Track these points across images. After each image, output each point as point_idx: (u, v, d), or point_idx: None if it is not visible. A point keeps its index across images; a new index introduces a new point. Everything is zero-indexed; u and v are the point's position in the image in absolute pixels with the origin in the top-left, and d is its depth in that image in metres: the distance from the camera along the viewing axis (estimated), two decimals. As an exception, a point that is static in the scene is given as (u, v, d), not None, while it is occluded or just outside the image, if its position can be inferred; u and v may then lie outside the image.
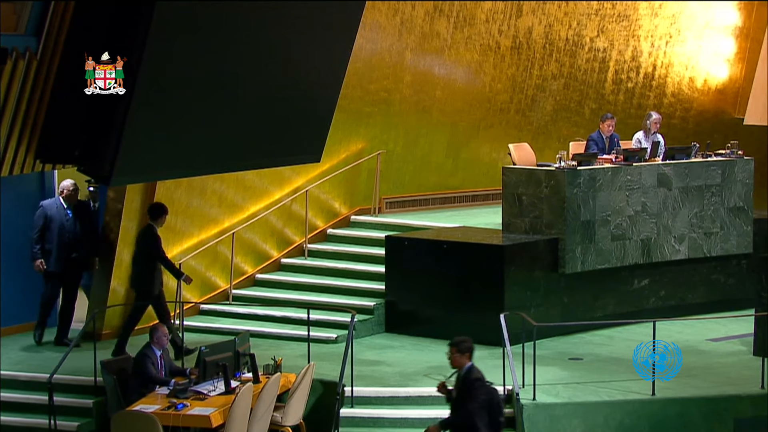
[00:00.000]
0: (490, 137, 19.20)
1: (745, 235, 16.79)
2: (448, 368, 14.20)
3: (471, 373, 10.89)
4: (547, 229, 15.53)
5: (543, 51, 19.33)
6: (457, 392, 10.97)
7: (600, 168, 15.74)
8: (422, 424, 13.14)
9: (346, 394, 13.25)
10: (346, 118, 17.13)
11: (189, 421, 11.97)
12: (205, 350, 12.74)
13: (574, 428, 13.01)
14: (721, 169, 16.61)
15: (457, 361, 10.96)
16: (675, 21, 20.19)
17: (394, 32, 18.05)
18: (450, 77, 18.76)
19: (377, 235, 16.99)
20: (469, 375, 10.89)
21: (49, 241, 15.01)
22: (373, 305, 15.93)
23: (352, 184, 18.01)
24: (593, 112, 19.41)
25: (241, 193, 16.91)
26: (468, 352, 10.96)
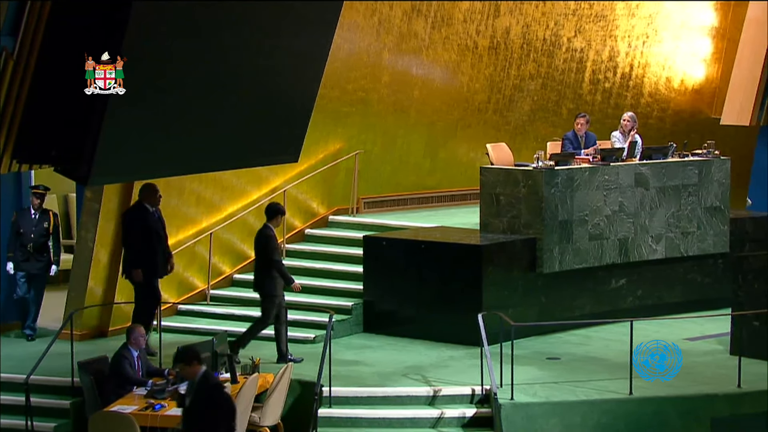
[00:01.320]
0: (468, 137, 19.22)
1: (721, 234, 16.85)
2: (426, 368, 14.26)
3: (208, 379, 10.42)
4: (524, 229, 15.55)
5: (520, 51, 19.36)
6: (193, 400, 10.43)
7: (577, 168, 15.78)
8: (400, 424, 13.18)
9: (323, 394, 13.25)
10: (323, 118, 17.12)
11: (166, 422, 11.95)
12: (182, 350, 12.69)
13: (551, 428, 13.04)
14: (698, 169, 16.67)
15: (189, 372, 10.45)
16: (652, 21, 20.25)
17: (371, 32, 18.05)
18: (428, 77, 18.77)
19: (355, 235, 16.99)
20: (206, 382, 10.40)
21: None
22: (351, 305, 15.92)
23: (329, 184, 18.01)
24: (571, 112, 19.44)
25: (218, 193, 16.88)
26: (195, 359, 10.44)
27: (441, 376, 13.90)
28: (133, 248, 14.58)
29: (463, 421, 13.19)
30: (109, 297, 15.79)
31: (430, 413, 13.23)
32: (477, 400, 13.35)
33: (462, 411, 13.26)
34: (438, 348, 15.00)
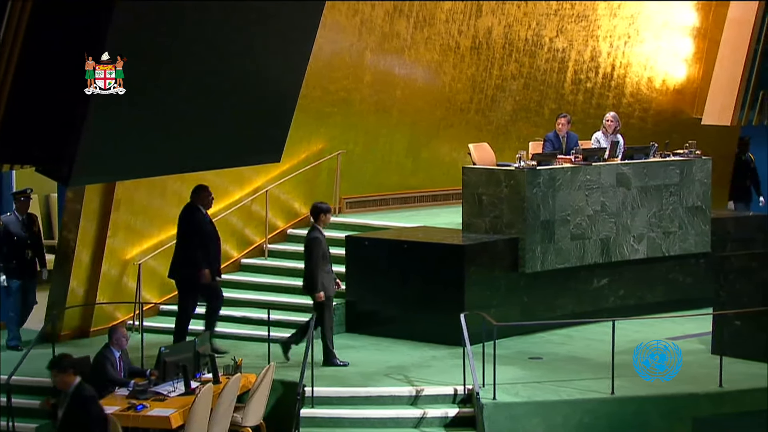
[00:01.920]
0: (450, 137, 19.23)
1: (703, 234, 16.90)
2: (408, 368, 14.27)
3: (82, 391, 10.28)
4: (507, 229, 15.57)
5: (502, 51, 19.38)
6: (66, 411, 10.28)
7: (559, 168, 15.80)
8: (383, 424, 13.19)
9: (306, 395, 13.24)
10: (306, 118, 17.11)
11: (148, 422, 11.93)
12: (164, 351, 12.70)
13: (534, 427, 13.06)
14: (680, 169, 16.71)
15: (63, 382, 10.30)
16: (633, 21, 20.29)
17: (353, 32, 18.05)
18: (410, 77, 18.77)
19: (338, 235, 16.96)
20: (80, 392, 10.28)
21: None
22: (333, 305, 15.90)
23: (312, 184, 18.00)
24: (553, 112, 19.47)
25: (201, 193, 16.84)
26: (71, 368, 10.23)
27: (423, 376, 13.91)
28: (188, 250, 14.41)
29: (445, 421, 13.20)
30: (91, 297, 15.76)
31: (413, 413, 13.24)
32: (459, 399, 13.37)
33: (444, 411, 13.27)
34: (420, 348, 15.00)
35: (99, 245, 15.77)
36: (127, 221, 16.04)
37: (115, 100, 12.15)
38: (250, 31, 13.19)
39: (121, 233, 15.99)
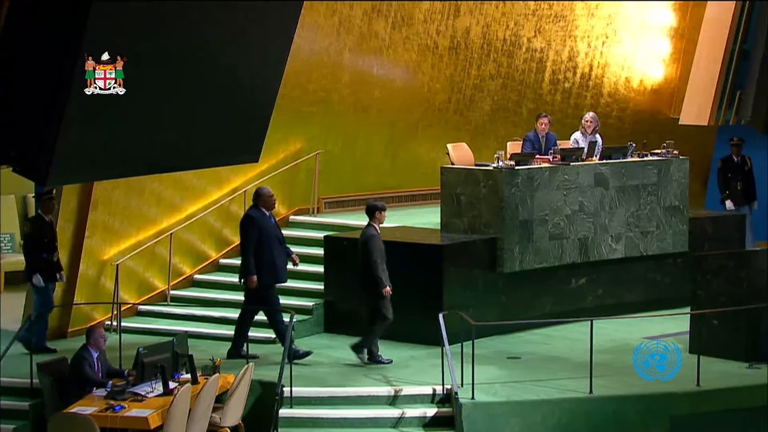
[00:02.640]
0: (429, 137, 19.24)
1: (680, 234, 16.95)
2: (387, 368, 14.26)
3: None
4: (485, 229, 15.59)
5: (481, 51, 19.40)
6: None
7: (538, 168, 15.82)
8: (362, 424, 13.19)
9: (285, 395, 13.23)
10: (284, 118, 17.09)
11: (127, 423, 11.91)
12: (143, 351, 12.67)
13: (512, 427, 13.07)
14: (657, 169, 16.75)
15: None
16: (611, 21, 20.34)
17: (332, 32, 18.04)
18: (388, 77, 18.78)
19: (316, 235, 16.98)
20: None
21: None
22: (312, 305, 15.91)
23: (290, 184, 17.98)
24: (531, 112, 19.51)
25: (179, 193, 16.83)
26: None
27: (402, 376, 13.91)
28: (251, 254, 14.30)
29: (424, 421, 13.21)
30: (69, 298, 15.72)
31: (392, 413, 13.24)
32: (438, 399, 13.37)
33: (423, 411, 13.27)
34: (399, 348, 15.00)
35: (76, 245, 15.72)
36: (104, 221, 16.00)
37: (92, 100, 12.13)
38: (229, 32, 13.18)
39: (99, 233, 15.95)
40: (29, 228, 14.98)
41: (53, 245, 14.93)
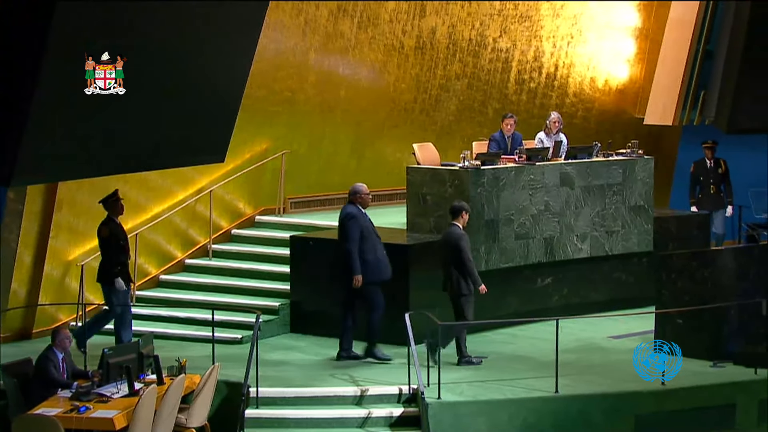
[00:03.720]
0: (395, 137, 19.25)
1: (645, 233, 17.02)
2: (353, 368, 14.27)
3: None
4: (451, 229, 15.59)
5: (446, 51, 19.43)
6: None
7: (503, 167, 15.86)
8: (328, 424, 13.18)
9: (251, 395, 13.21)
10: (250, 118, 17.07)
11: (91, 424, 11.86)
12: (108, 352, 12.62)
13: (479, 426, 13.10)
14: (622, 168, 16.82)
15: None
16: (576, 22, 20.41)
17: (298, 32, 18.03)
18: (354, 77, 18.78)
19: (282, 235, 16.96)
20: None
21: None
22: (278, 305, 15.90)
23: (256, 184, 17.96)
24: (497, 112, 19.54)
25: (144, 193, 16.78)
26: None
27: (368, 376, 13.91)
28: (356, 252, 14.31)
29: (390, 421, 13.21)
30: (33, 298, 15.64)
31: (358, 413, 13.24)
32: (404, 399, 13.38)
33: (389, 410, 13.28)
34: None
35: (41, 246, 15.65)
36: (69, 222, 15.93)
37: (57, 100, 12.07)
38: (194, 31, 13.15)
39: (64, 234, 15.88)
40: (107, 232, 14.70)
41: (127, 247, 14.88)
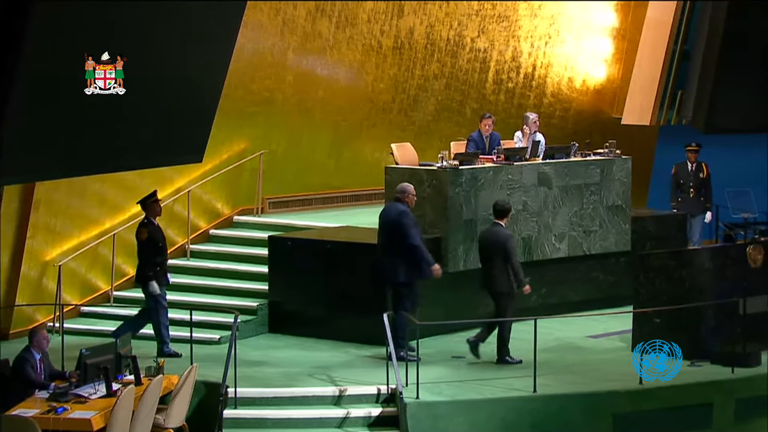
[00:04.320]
0: (373, 137, 19.25)
1: (623, 233, 17.06)
2: (332, 368, 14.27)
3: None
4: (430, 228, 15.60)
5: (424, 51, 19.44)
6: None
7: (481, 167, 15.87)
8: (307, 424, 13.17)
9: (229, 396, 13.19)
10: (228, 118, 17.03)
11: (69, 425, 11.82)
12: (85, 353, 12.59)
13: (457, 426, 13.11)
14: (600, 168, 16.85)
15: None
16: (554, 22, 20.45)
17: (276, 32, 18.01)
18: (332, 77, 18.78)
19: (260, 235, 16.94)
20: None
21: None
22: (256, 306, 15.88)
23: (234, 184, 17.94)
24: (475, 111, 19.57)
25: (122, 193, 16.74)
26: None
27: (347, 376, 13.91)
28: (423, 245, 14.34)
29: (369, 421, 13.22)
30: (11, 299, 15.59)
31: (337, 413, 13.24)
32: (383, 399, 13.38)
33: (368, 410, 13.28)
34: (344, 348, 15.01)
35: (18, 246, 15.60)
36: (46, 222, 15.89)
37: (34, 99, 12.03)
38: (172, 31, 13.12)
39: (41, 234, 15.83)
40: (146, 233, 14.68)
41: (165, 248, 14.85)
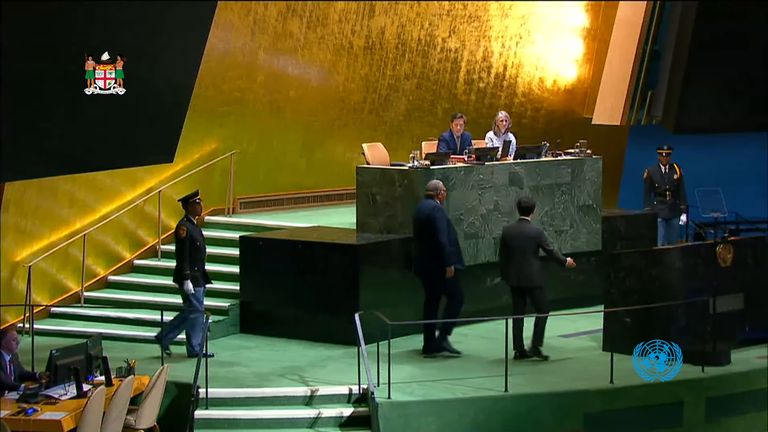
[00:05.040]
0: (344, 137, 19.25)
1: (594, 232, 17.11)
2: (303, 368, 14.27)
3: None
4: (401, 228, 15.62)
5: (396, 51, 19.46)
6: None
7: (453, 167, 15.89)
8: (278, 424, 13.17)
9: (200, 396, 13.17)
10: (199, 118, 17.01)
11: (39, 426, 11.78)
12: (56, 354, 12.54)
13: (428, 425, 13.12)
14: (571, 168, 16.90)
15: None
16: (525, 22, 20.50)
17: (247, 32, 17.99)
18: (303, 77, 18.77)
19: (231, 235, 16.92)
20: None
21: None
22: (227, 306, 15.85)
23: (205, 184, 17.88)
24: (446, 111, 19.59)
25: (92, 194, 16.69)
26: None
27: (318, 376, 13.91)
28: (447, 245, 14.58)
29: (340, 421, 13.22)
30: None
31: (308, 413, 13.23)
32: (354, 399, 13.39)
33: (339, 410, 13.28)
34: (315, 348, 15.01)
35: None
36: (17, 223, 15.82)
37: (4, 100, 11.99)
38: (143, 30, 13.10)
39: (11, 235, 15.77)
40: (185, 231, 14.58)
41: (204, 248, 14.76)
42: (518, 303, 14.72)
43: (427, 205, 14.75)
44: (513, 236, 14.76)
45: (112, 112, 13.29)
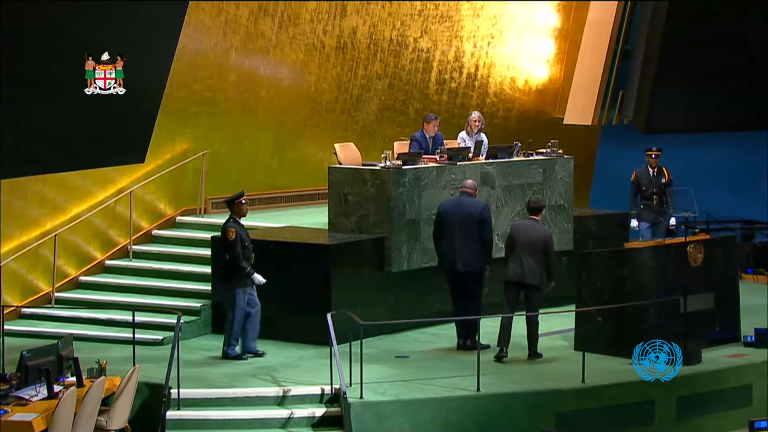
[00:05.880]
0: (316, 137, 19.24)
1: (565, 232, 17.15)
2: (275, 368, 14.25)
3: None
4: (373, 228, 15.63)
5: (367, 51, 19.46)
6: None
7: (425, 167, 15.91)
8: (249, 425, 13.15)
9: (172, 397, 13.14)
10: (170, 118, 16.97)
11: (10, 428, 11.73)
12: (26, 355, 12.49)
13: (401, 425, 13.13)
14: (543, 168, 16.94)
15: None
16: (496, 22, 20.53)
17: (218, 32, 17.96)
18: (275, 77, 18.75)
19: (203, 235, 16.88)
20: None
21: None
22: (199, 306, 15.82)
23: (177, 184, 17.86)
24: (418, 111, 19.61)
25: (63, 194, 16.62)
26: None
27: (290, 376, 13.90)
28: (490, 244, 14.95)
29: (312, 421, 13.21)
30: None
31: (280, 413, 13.22)
32: (327, 399, 13.38)
33: (312, 411, 13.27)
34: (287, 348, 14.99)
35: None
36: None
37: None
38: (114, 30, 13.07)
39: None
40: (234, 232, 14.53)
41: (251, 249, 14.68)
42: (512, 300, 14.73)
43: (477, 204, 14.89)
44: (521, 234, 14.79)
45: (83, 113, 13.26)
